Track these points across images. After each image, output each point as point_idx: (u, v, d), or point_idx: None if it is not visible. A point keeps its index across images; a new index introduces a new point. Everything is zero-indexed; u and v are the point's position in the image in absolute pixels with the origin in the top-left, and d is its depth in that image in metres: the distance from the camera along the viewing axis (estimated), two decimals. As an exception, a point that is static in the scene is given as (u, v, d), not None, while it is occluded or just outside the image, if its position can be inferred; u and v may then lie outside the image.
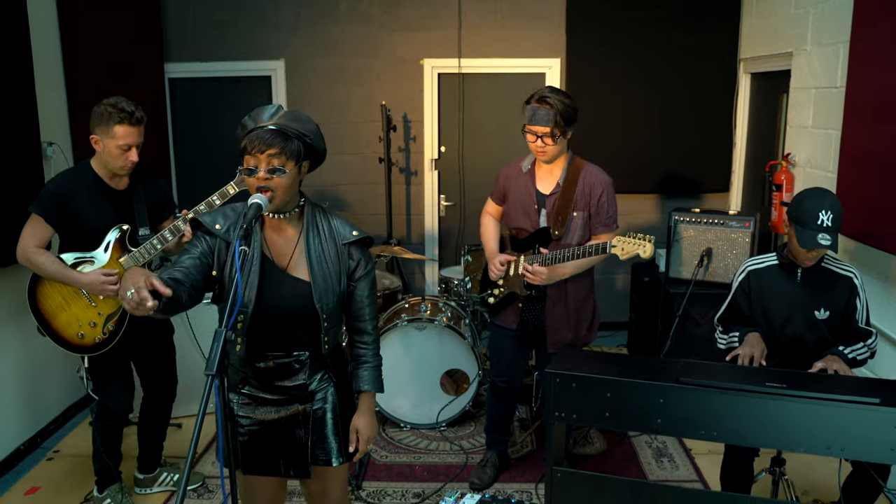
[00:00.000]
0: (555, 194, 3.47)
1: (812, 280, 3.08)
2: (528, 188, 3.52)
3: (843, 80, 4.01)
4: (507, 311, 3.63)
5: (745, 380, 2.61)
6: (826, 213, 2.89)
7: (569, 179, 3.46)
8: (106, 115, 3.13)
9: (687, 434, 2.62)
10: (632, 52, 5.69)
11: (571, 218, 3.45)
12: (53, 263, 3.18)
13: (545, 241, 3.47)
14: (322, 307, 2.30)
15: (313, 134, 2.30)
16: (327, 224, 2.38)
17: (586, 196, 3.45)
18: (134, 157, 3.18)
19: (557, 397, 2.73)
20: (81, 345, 3.28)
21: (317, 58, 5.79)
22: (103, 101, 3.17)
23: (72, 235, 3.24)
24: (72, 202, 3.18)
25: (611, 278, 6.10)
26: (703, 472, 3.89)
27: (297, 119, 2.26)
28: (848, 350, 2.97)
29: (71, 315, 3.26)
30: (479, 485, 3.73)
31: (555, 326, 3.53)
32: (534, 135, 3.36)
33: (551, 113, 3.31)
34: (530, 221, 3.52)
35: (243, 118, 2.29)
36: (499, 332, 3.72)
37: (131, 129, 3.14)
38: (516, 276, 3.55)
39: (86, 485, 3.76)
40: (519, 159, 3.64)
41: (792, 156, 4.67)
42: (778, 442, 2.56)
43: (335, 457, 2.43)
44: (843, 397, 2.44)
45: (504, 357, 3.75)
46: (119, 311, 3.29)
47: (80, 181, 3.23)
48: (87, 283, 3.18)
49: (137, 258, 3.28)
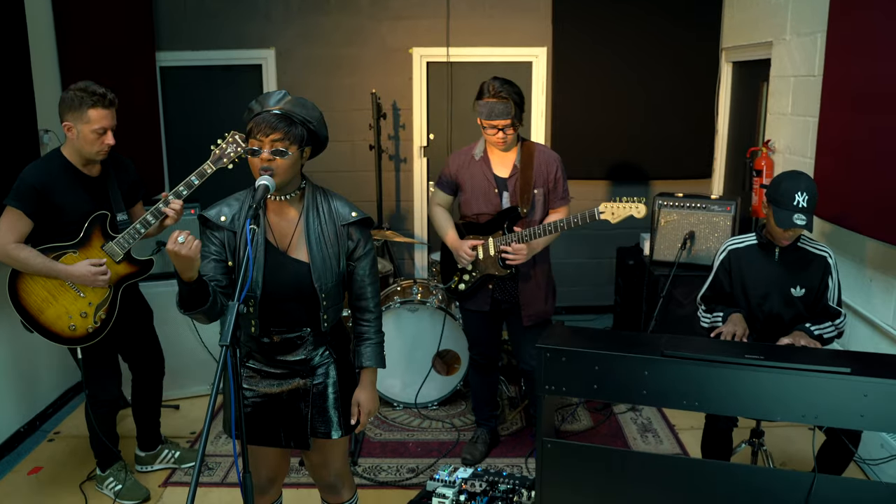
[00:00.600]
0: (514, 176, 3.61)
1: (789, 259, 3.23)
2: (486, 174, 3.65)
3: (820, 68, 4.14)
4: (478, 295, 3.76)
5: (726, 353, 2.76)
6: (802, 195, 3.04)
7: (525, 160, 3.60)
8: (77, 99, 3.07)
9: (670, 404, 2.75)
10: (617, 41, 5.81)
11: (534, 195, 3.60)
12: (38, 257, 3.12)
13: (513, 221, 3.61)
14: (321, 287, 2.40)
15: (317, 121, 2.40)
16: (327, 205, 2.48)
17: (544, 174, 3.61)
18: (110, 140, 3.15)
19: (548, 371, 2.86)
20: (74, 336, 3.25)
21: (307, 47, 5.87)
22: (70, 87, 3.11)
23: (52, 228, 3.18)
24: (51, 194, 3.12)
25: (596, 262, 6.23)
26: (686, 446, 4.04)
27: (303, 105, 2.37)
28: (815, 327, 3.12)
29: (60, 308, 3.22)
30: (471, 460, 3.87)
31: (528, 301, 3.68)
32: (495, 128, 3.50)
33: (509, 105, 3.46)
34: (492, 206, 3.65)
35: (250, 103, 2.39)
36: (472, 315, 3.87)
37: (105, 111, 3.11)
38: (487, 258, 3.66)
39: (88, 464, 3.85)
40: (468, 147, 3.75)
41: (772, 142, 4.81)
42: (756, 411, 2.70)
43: (335, 429, 2.54)
44: (816, 368, 2.58)
45: (481, 337, 3.90)
46: (108, 299, 3.28)
47: (56, 171, 3.17)
48: (77, 276, 3.15)
49: (122, 244, 3.27)
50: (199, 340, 4.50)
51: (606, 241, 5.99)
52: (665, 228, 4.84)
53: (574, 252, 6.17)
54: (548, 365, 2.86)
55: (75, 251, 3.21)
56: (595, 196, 5.85)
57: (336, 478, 2.66)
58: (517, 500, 3.29)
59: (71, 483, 3.71)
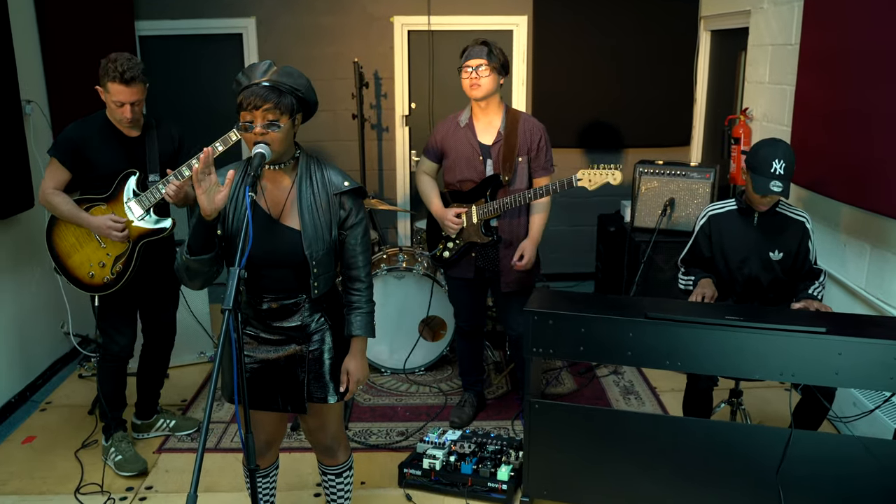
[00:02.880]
0: (498, 143, 3.66)
1: (767, 224, 3.33)
2: (470, 141, 3.69)
3: (797, 37, 4.22)
4: (462, 262, 3.82)
5: (707, 315, 2.87)
6: (779, 162, 3.13)
7: (509, 128, 3.65)
8: (104, 70, 3.25)
9: (653, 365, 2.86)
10: (597, 10, 5.85)
11: (517, 163, 3.65)
12: (67, 204, 3.35)
13: (496, 188, 3.66)
14: (311, 254, 2.45)
15: (305, 88, 2.44)
16: (320, 174, 2.52)
17: (528, 142, 3.65)
18: (127, 113, 3.30)
19: (535, 334, 2.95)
20: (92, 284, 3.44)
21: (288, 15, 5.84)
22: (109, 56, 3.28)
23: (86, 180, 3.40)
24: (86, 147, 3.34)
25: (578, 231, 6.32)
26: (667, 407, 4.16)
27: (290, 75, 2.40)
28: (812, 290, 3.25)
29: (83, 255, 3.42)
30: (459, 423, 3.97)
31: (508, 267, 3.74)
32: (469, 69, 3.54)
33: (486, 48, 3.53)
34: (475, 173, 3.69)
35: (237, 75, 2.41)
36: (456, 284, 3.93)
37: (122, 87, 3.23)
38: (470, 226, 3.72)
39: (82, 432, 3.91)
40: (454, 115, 3.79)
41: (749, 110, 4.90)
42: (736, 370, 2.82)
43: (331, 394, 2.60)
44: (793, 328, 2.70)
45: (465, 304, 3.97)
46: (126, 253, 3.43)
47: (95, 128, 3.38)
48: (95, 225, 3.34)
49: (144, 201, 3.41)
50: (189, 310, 4.54)
51: (587, 209, 6.07)
52: (645, 195, 4.93)
53: (555, 220, 6.17)
54: (535, 328, 2.96)
55: (104, 204, 3.40)
56: (575, 164, 5.89)
57: (332, 440, 2.74)
58: (505, 460, 3.41)
59: (66, 451, 3.76)
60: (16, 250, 4.28)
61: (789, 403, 3.04)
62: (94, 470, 3.59)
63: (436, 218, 3.82)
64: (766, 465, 2.86)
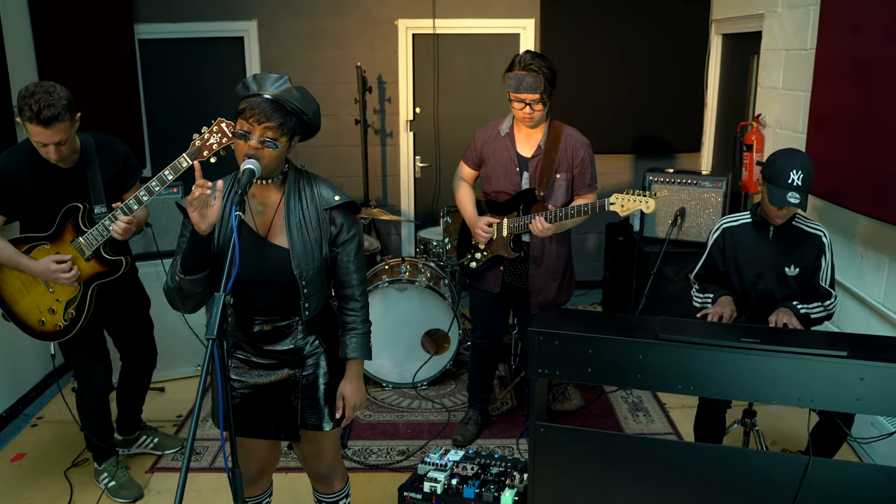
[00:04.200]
0: (537, 157, 3.51)
1: (783, 237, 3.19)
2: (509, 151, 3.56)
3: (813, 42, 4.08)
4: (489, 275, 3.68)
5: (721, 336, 2.72)
6: (797, 173, 2.99)
7: (550, 142, 3.50)
8: (20, 105, 2.79)
9: (665, 388, 2.72)
10: (605, 14, 5.71)
11: (555, 180, 3.50)
12: (5, 249, 3.01)
13: (530, 203, 3.52)
14: (301, 274, 2.32)
15: (313, 114, 2.31)
16: (310, 189, 2.39)
17: (569, 158, 3.50)
18: (52, 154, 2.89)
19: (541, 355, 2.82)
20: (44, 331, 3.15)
21: (290, 18, 5.73)
22: (28, 87, 2.81)
23: (26, 219, 3.07)
24: (18, 186, 2.97)
25: (585, 238, 6.19)
26: (676, 424, 4.03)
27: (302, 97, 2.27)
28: (801, 305, 3.10)
29: (31, 301, 3.11)
30: (462, 441, 3.84)
31: (538, 287, 3.60)
32: (522, 102, 3.38)
33: (539, 79, 3.34)
34: (511, 184, 3.56)
35: (246, 77, 2.27)
36: (480, 296, 3.78)
37: (39, 128, 2.80)
38: (500, 238, 3.60)
39: (73, 450, 3.80)
40: (495, 122, 3.65)
41: (762, 116, 4.76)
42: (752, 395, 2.68)
43: (326, 421, 2.48)
44: (813, 351, 2.56)
45: (485, 319, 3.82)
46: (78, 297, 3.13)
47: (24, 162, 2.99)
48: (39, 272, 3.02)
49: (91, 241, 3.08)
50: (185, 322, 4.43)
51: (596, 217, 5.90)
52: (655, 204, 4.78)
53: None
54: (541, 348, 2.82)
55: (48, 244, 3.08)
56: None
57: (328, 468, 2.62)
58: (509, 483, 3.27)
59: (56, 470, 3.65)
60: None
61: (807, 427, 2.90)
62: (84, 490, 3.48)
63: (468, 225, 3.69)
64: (782, 493, 2.72)
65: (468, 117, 5.85)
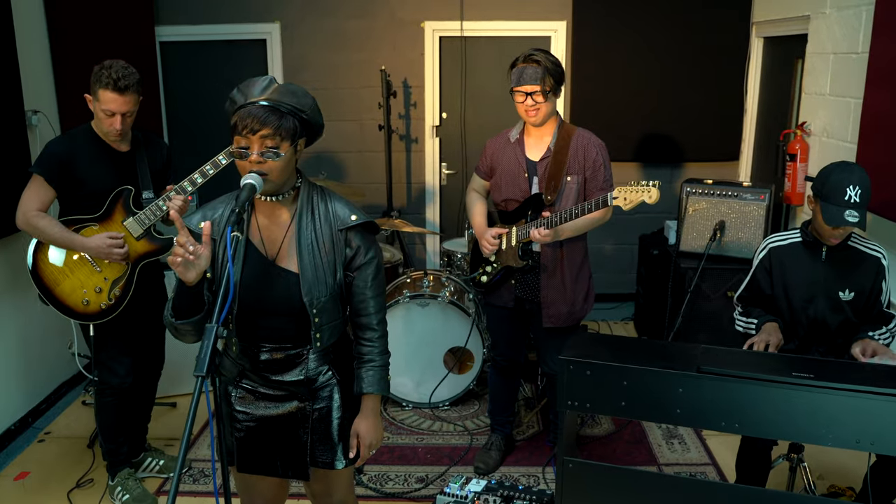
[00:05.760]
0: (546, 159, 3.33)
1: (837, 259, 2.93)
2: (517, 157, 3.38)
3: (865, 45, 3.82)
4: (502, 289, 3.50)
5: (770, 369, 2.47)
6: (854, 189, 2.74)
7: (560, 143, 3.32)
8: (96, 76, 3.01)
9: (707, 425, 2.49)
10: (639, 15, 5.48)
11: (564, 182, 3.30)
12: (56, 227, 3.08)
13: (538, 208, 3.32)
14: (311, 301, 2.11)
15: (310, 109, 2.11)
16: (324, 207, 2.18)
17: (580, 159, 3.30)
18: (117, 124, 3.05)
19: (571, 385, 2.59)
20: (87, 312, 3.16)
21: (313, 20, 5.56)
22: (104, 62, 3.03)
23: (73, 199, 3.14)
24: (74, 163, 3.08)
25: (617, 249, 5.95)
26: (714, 455, 3.77)
27: (293, 93, 2.06)
28: (875, 335, 2.84)
29: (75, 281, 3.14)
30: (484, 469, 3.62)
31: (550, 299, 3.39)
32: (523, 94, 3.23)
33: (540, 70, 3.19)
34: (520, 191, 3.38)
35: (232, 91, 2.09)
36: (495, 312, 3.60)
37: (114, 95, 2.99)
38: (509, 248, 3.40)
39: (78, 469, 3.65)
40: (505, 130, 3.51)
41: (807, 124, 4.49)
42: (803, 435, 2.43)
43: (339, 459, 2.27)
44: (874, 389, 2.30)
45: (503, 336, 3.64)
46: (125, 276, 3.18)
47: (82, 142, 3.13)
48: (92, 248, 3.07)
49: (143, 221, 3.18)
50: (198, 334, 4.27)
51: (627, 227, 5.68)
52: (693, 217, 4.53)
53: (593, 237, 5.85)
54: (571, 378, 2.59)
55: (96, 224, 3.15)
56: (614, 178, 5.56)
57: (340, 505, 2.41)
58: (534, 519, 3.05)
59: (59, 490, 3.50)
60: (19, 268, 4.03)
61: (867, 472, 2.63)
62: (86, 512, 3.33)
63: (476, 237, 3.51)
64: (836, 542, 2.47)
65: (496, 123, 5.61)
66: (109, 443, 3.37)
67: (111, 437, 3.37)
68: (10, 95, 3.88)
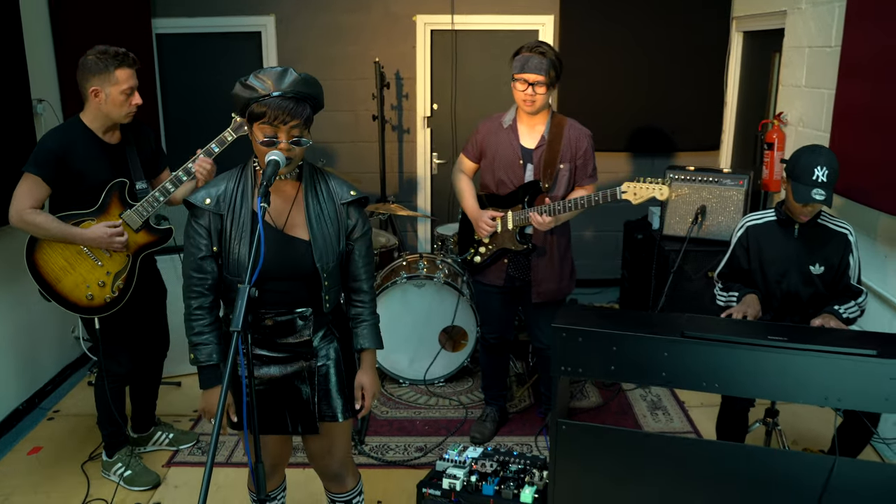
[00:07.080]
0: (541, 147, 3.49)
1: (808, 235, 3.15)
2: (512, 143, 3.53)
3: (838, 39, 4.03)
4: (493, 268, 3.66)
5: (748, 334, 2.68)
6: (821, 169, 2.95)
7: (553, 133, 3.48)
8: (102, 62, 3.03)
9: (689, 386, 2.68)
10: (624, 9, 5.67)
11: (558, 171, 3.48)
12: (54, 222, 3.07)
13: (534, 195, 3.50)
14: (323, 266, 2.32)
15: (321, 96, 2.29)
16: (325, 184, 2.40)
17: (572, 149, 3.49)
18: (138, 99, 3.13)
19: (564, 351, 2.78)
20: (91, 306, 3.20)
21: (308, 13, 5.71)
22: (89, 53, 3.07)
23: (70, 194, 3.13)
24: (70, 160, 3.07)
25: (602, 235, 6.15)
26: (696, 423, 3.99)
27: (312, 83, 2.23)
28: (841, 308, 3.05)
29: (77, 276, 3.17)
30: (480, 439, 3.81)
31: (540, 278, 3.59)
32: (525, 83, 3.36)
33: (546, 61, 3.32)
34: (514, 176, 3.54)
35: (248, 78, 2.19)
36: (484, 290, 3.76)
37: (130, 70, 3.09)
38: (505, 232, 3.57)
39: (89, 443, 3.79)
40: (498, 115, 3.63)
41: (784, 115, 4.70)
42: (777, 394, 2.63)
43: (340, 412, 2.47)
44: (841, 350, 2.51)
45: (493, 313, 3.80)
46: (127, 268, 3.24)
47: (76, 137, 3.12)
48: (93, 239, 3.09)
49: (141, 212, 3.21)
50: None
51: (612, 214, 5.88)
52: (675, 202, 4.74)
53: (579, 224, 6.07)
54: (563, 345, 2.79)
55: (93, 219, 3.15)
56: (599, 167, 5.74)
57: (340, 466, 2.59)
58: (529, 481, 3.24)
59: (72, 464, 3.64)
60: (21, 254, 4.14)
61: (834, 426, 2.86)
62: (101, 484, 3.47)
63: (470, 219, 3.66)
64: (806, 494, 2.68)
65: (485, 114, 5.70)
66: (111, 425, 3.46)
67: (112, 421, 3.45)
68: (18, 85, 4.00)
